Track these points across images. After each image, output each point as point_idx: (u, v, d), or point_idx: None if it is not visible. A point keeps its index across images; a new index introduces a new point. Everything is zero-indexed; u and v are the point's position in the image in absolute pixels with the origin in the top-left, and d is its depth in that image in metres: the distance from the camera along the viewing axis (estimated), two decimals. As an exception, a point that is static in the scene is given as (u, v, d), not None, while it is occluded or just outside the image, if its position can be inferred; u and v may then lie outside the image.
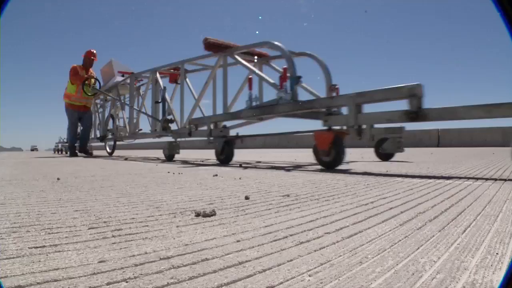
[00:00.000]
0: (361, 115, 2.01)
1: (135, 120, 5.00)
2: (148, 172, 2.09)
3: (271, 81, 2.75)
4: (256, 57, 3.55)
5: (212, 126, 3.21)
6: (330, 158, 2.17)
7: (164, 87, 4.16)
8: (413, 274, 0.42)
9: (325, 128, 2.21)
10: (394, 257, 0.48)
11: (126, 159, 4.54)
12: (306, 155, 4.83)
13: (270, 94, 3.47)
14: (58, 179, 1.64)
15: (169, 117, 3.97)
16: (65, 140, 9.89)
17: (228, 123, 3.28)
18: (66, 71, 6.05)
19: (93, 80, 5.93)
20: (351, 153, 5.45)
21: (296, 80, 2.45)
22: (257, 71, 3.10)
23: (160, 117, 4.14)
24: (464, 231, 0.61)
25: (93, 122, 6.82)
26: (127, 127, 5.30)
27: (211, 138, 3.14)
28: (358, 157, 3.94)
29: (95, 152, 7.15)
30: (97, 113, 7.09)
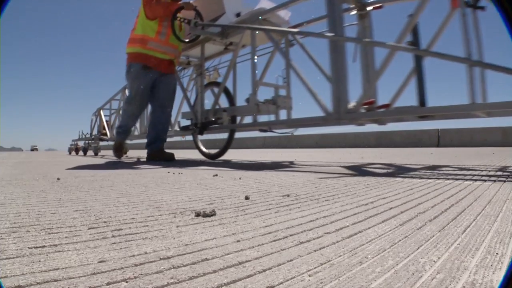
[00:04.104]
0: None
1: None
2: (147, 172, 2.09)
3: None
4: None
5: None
6: None
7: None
8: (413, 274, 0.42)
9: None
10: (394, 257, 0.48)
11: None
12: (306, 155, 4.83)
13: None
14: (58, 179, 1.64)
15: None
16: (88, 135, 6.58)
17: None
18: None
19: (190, 14, 2.89)
20: (350, 153, 5.45)
21: None
22: None
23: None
24: (464, 231, 0.61)
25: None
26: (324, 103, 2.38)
27: None
28: (358, 157, 3.94)
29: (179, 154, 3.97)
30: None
